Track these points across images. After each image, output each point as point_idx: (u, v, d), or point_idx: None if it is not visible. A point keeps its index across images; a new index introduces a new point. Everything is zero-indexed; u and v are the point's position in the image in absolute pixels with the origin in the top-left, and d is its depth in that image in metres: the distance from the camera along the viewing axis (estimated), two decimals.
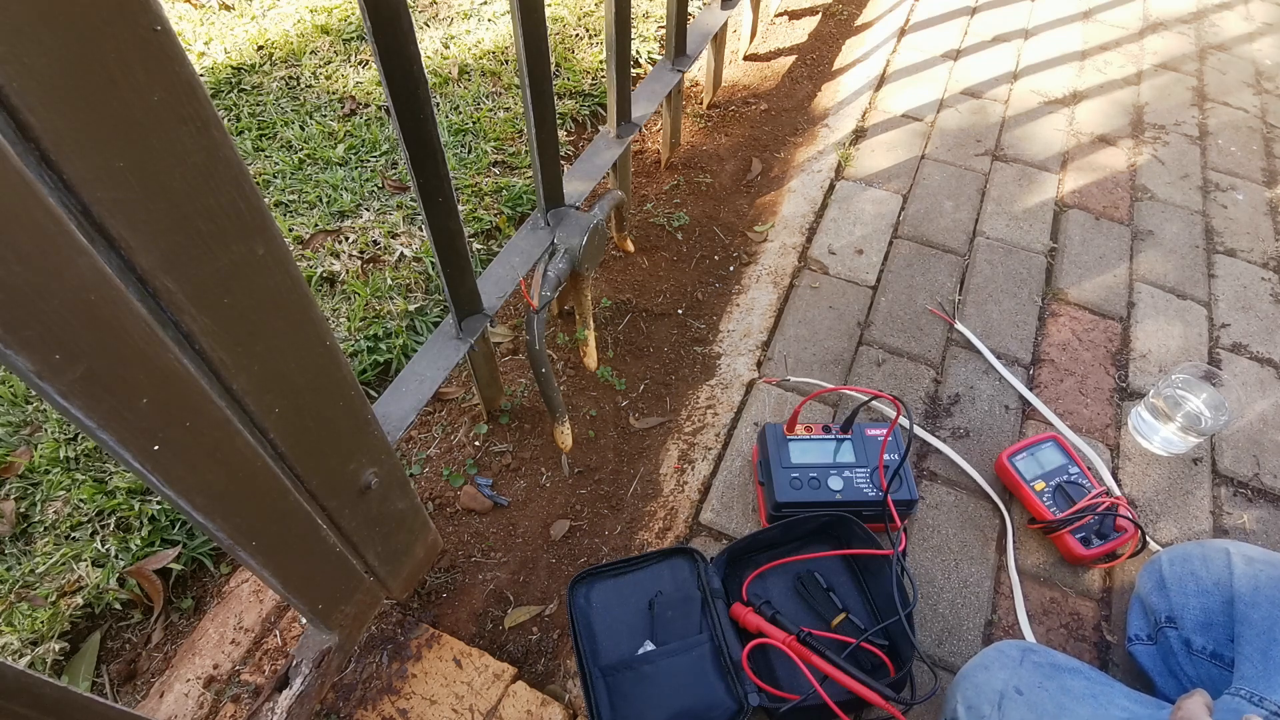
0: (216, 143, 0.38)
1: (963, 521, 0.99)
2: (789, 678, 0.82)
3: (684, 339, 1.26)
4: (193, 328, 0.43)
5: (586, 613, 0.85)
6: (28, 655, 0.87)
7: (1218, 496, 1.03)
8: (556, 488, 1.07)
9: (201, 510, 0.50)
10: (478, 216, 1.38)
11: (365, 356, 1.17)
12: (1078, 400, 1.13)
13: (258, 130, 1.52)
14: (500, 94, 1.64)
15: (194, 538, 0.99)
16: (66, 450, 1.03)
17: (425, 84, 0.66)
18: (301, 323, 0.50)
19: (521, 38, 0.78)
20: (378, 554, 0.75)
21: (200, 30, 1.75)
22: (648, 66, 1.75)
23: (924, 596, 0.93)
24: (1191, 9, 2.00)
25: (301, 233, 1.32)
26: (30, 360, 0.35)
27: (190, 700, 0.83)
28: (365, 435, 0.63)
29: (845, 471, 0.94)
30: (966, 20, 1.90)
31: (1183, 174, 1.52)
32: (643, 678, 0.80)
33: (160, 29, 0.34)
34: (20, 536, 0.97)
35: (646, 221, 1.44)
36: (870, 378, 1.15)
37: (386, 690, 0.82)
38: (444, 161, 0.73)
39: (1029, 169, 1.50)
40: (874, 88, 1.67)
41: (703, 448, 1.07)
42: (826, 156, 1.51)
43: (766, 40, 1.92)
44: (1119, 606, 0.93)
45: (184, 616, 0.95)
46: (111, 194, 0.36)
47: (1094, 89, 1.71)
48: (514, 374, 1.20)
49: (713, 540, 0.98)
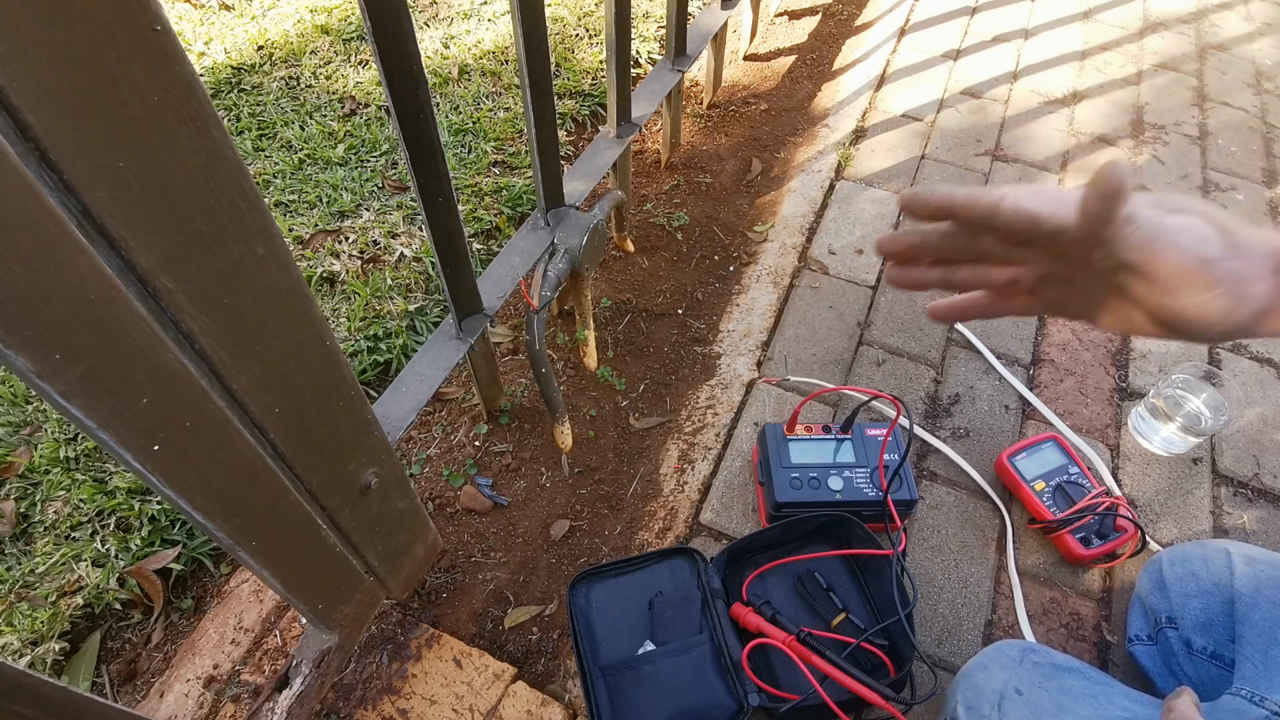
0: (216, 143, 0.38)
1: (963, 521, 0.99)
2: (789, 678, 0.82)
3: (684, 339, 1.26)
4: (193, 328, 0.43)
5: (586, 613, 0.85)
6: (28, 655, 0.87)
7: (1218, 496, 1.03)
8: (556, 488, 1.07)
9: (201, 510, 0.50)
10: (478, 216, 1.38)
11: (365, 356, 1.17)
12: (1078, 400, 1.13)
13: (258, 130, 1.52)
14: (500, 94, 1.64)
15: (194, 538, 0.99)
16: (66, 450, 1.03)
17: (425, 84, 0.66)
18: (301, 323, 0.50)
19: (521, 38, 0.78)
20: (378, 554, 0.75)
21: (200, 30, 1.75)
22: (648, 66, 1.75)
23: (924, 596, 0.93)
24: (1191, 9, 2.00)
25: (301, 233, 1.32)
26: (30, 360, 0.35)
27: (190, 700, 0.83)
28: (365, 435, 0.63)
29: (845, 471, 0.94)
30: (966, 20, 1.90)
31: (1183, 174, 1.52)
32: (643, 678, 0.80)
33: (160, 29, 0.34)
34: (20, 536, 0.97)
35: (646, 221, 1.44)
36: (870, 378, 1.15)
37: (386, 690, 0.82)
38: (444, 161, 0.73)
39: (1029, 169, 1.50)
40: (874, 88, 1.67)
41: (703, 448, 1.07)
42: (826, 156, 1.51)
43: (766, 40, 1.92)
44: (1119, 607, 0.93)
45: (184, 616, 0.95)
46: (111, 194, 0.36)
47: (1094, 89, 1.71)
48: (514, 374, 1.20)
49: (713, 540, 0.98)
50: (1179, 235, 0.34)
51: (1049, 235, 0.37)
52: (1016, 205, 0.37)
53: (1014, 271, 0.41)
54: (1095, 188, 0.34)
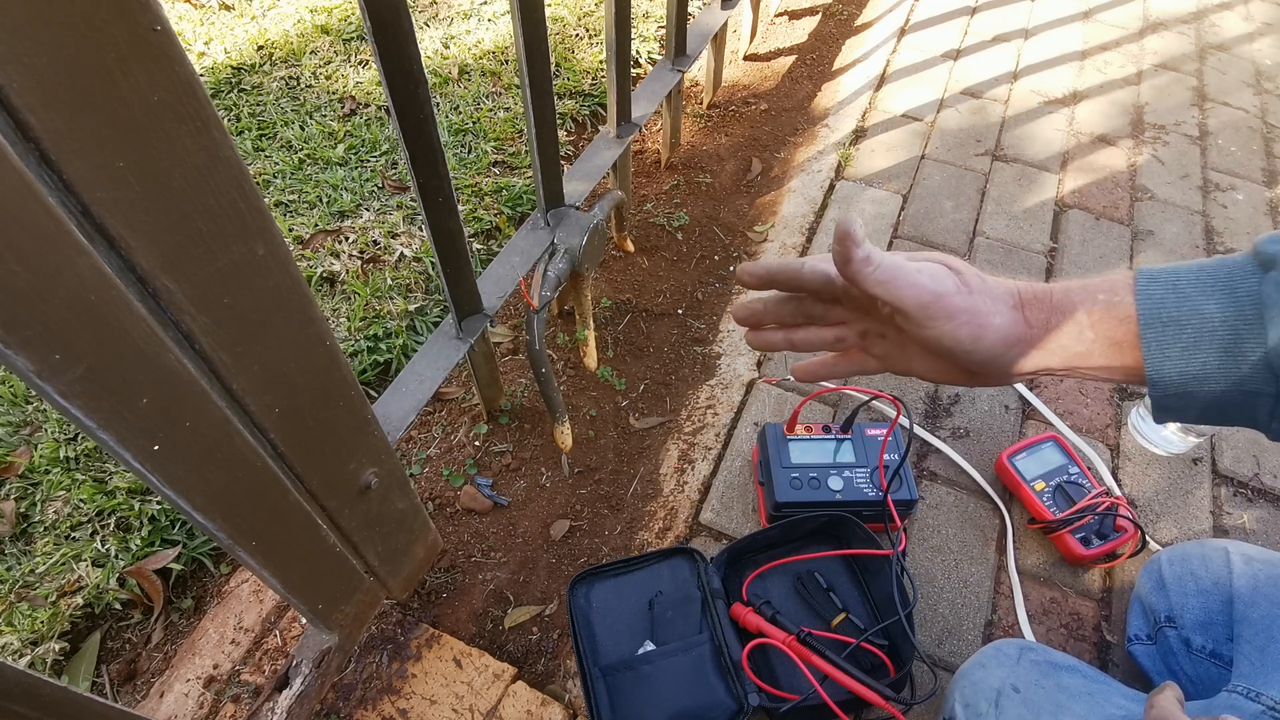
0: (216, 143, 0.38)
1: (963, 521, 0.99)
2: (789, 678, 0.82)
3: (684, 339, 1.26)
4: (193, 328, 0.43)
5: (586, 613, 0.85)
6: (28, 655, 0.87)
7: (1218, 496, 1.03)
8: (556, 488, 1.07)
9: (201, 510, 0.50)
10: (478, 216, 1.38)
11: (365, 356, 1.17)
12: (1078, 400, 1.13)
13: (258, 130, 1.52)
14: (500, 94, 1.64)
15: (194, 538, 0.99)
16: (66, 450, 1.03)
17: (425, 84, 0.66)
18: (301, 323, 0.50)
19: (521, 38, 0.78)
20: (378, 554, 0.75)
21: (200, 30, 1.75)
22: (648, 66, 1.75)
23: (924, 596, 0.93)
24: (1191, 9, 2.00)
25: (301, 233, 1.32)
26: (30, 360, 0.35)
27: (190, 700, 0.83)
28: (365, 435, 0.63)
29: (845, 471, 0.94)
30: (966, 20, 1.90)
31: (1183, 174, 1.52)
32: (643, 678, 0.80)
33: (160, 29, 0.34)
34: (20, 536, 0.97)
35: (646, 221, 1.44)
36: (870, 378, 1.15)
37: (386, 690, 0.82)
38: (444, 161, 0.73)
39: (1029, 169, 1.50)
40: (874, 88, 1.67)
41: (703, 448, 1.07)
42: (826, 156, 1.51)
43: (766, 40, 1.92)
44: (1119, 606, 0.93)
45: (184, 616, 0.95)
46: (111, 194, 0.36)
47: (1094, 89, 1.71)
48: (514, 374, 1.20)
49: (713, 540, 0.98)
50: (914, 274, 0.41)
51: (845, 291, 0.45)
52: (814, 267, 0.45)
53: (838, 331, 0.48)
54: (835, 235, 0.40)
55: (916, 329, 0.41)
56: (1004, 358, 0.42)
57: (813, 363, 0.50)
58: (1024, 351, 0.42)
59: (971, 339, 0.41)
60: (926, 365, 0.46)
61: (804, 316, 0.49)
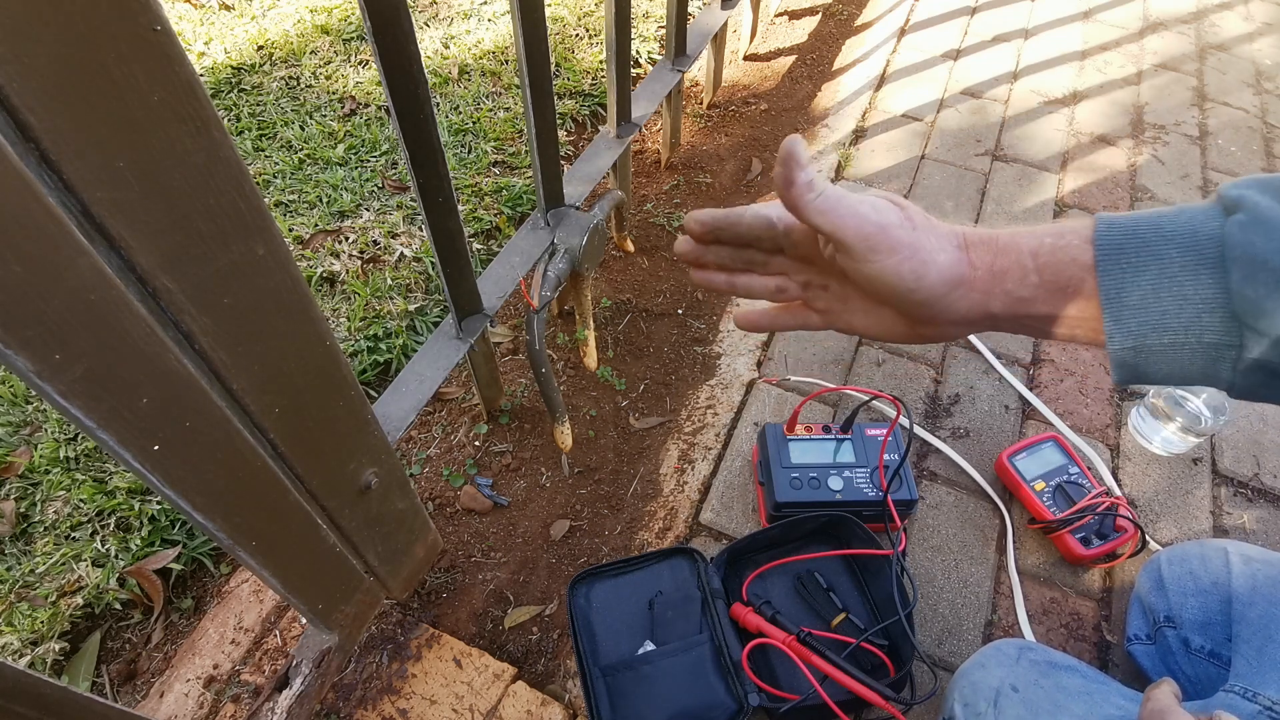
0: (216, 143, 0.38)
1: (963, 521, 0.99)
2: (789, 678, 0.82)
3: (684, 339, 1.26)
4: (193, 328, 0.43)
5: (586, 613, 0.85)
6: (28, 655, 0.88)
7: (1218, 496, 1.03)
8: (556, 488, 1.07)
9: (201, 510, 0.50)
10: (478, 216, 1.38)
11: (365, 356, 1.17)
12: (1078, 400, 1.13)
13: (258, 130, 1.52)
14: (500, 94, 1.64)
15: (194, 538, 0.99)
16: (66, 450, 1.03)
17: (425, 84, 0.66)
18: (301, 323, 0.50)
19: (521, 38, 0.78)
20: (378, 554, 0.75)
21: (200, 30, 1.75)
22: (648, 66, 1.75)
23: (924, 596, 0.93)
24: (1191, 9, 2.00)
25: (301, 233, 1.32)
26: (30, 360, 0.35)
27: (190, 700, 0.83)
28: (365, 435, 0.63)
29: (845, 471, 0.94)
30: (966, 20, 1.90)
31: (1183, 174, 1.52)
32: (643, 678, 0.80)
33: (160, 29, 0.34)
34: (20, 536, 0.97)
35: (646, 221, 1.44)
36: (870, 378, 1.15)
37: (386, 690, 0.82)
38: (444, 161, 0.73)
39: (1029, 169, 1.50)
40: (874, 88, 1.67)
41: (703, 448, 1.07)
42: (826, 157, 1.51)
43: (766, 40, 1.92)
44: (1119, 606, 0.93)
45: (184, 616, 0.95)
46: (111, 194, 0.36)
47: (1094, 89, 1.71)
48: (514, 374, 1.20)
49: (713, 540, 0.98)
50: (858, 205, 0.39)
51: (787, 238, 0.45)
52: (756, 212, 0.45)
53: (779, 280, 0.48)
54: (779, 156, 0.39)
55: (858, 264, 0.40)
56: (946, 299, 0.40)
57: (755, 312, 0.50)
58: (966, 294, 0.40)
59: (914, 275, 0.39)
60: (869, 320, 0.45)
61: (745, 263, 0.48)
